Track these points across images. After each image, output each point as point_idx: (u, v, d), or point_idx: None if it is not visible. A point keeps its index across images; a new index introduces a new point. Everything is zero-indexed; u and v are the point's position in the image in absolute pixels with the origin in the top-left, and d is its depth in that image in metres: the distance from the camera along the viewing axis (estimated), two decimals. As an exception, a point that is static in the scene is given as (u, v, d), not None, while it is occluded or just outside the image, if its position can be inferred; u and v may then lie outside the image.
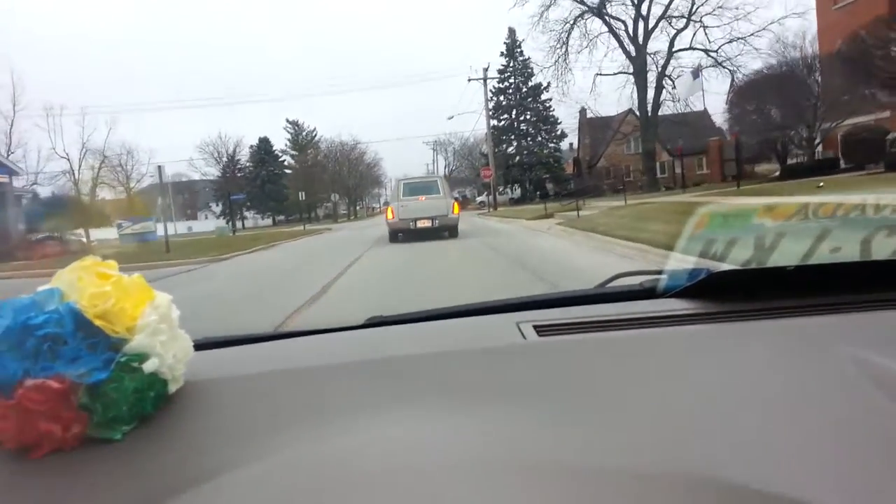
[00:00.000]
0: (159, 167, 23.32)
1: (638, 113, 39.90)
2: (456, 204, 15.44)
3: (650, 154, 37.53)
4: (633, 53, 35.65)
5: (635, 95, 36.23)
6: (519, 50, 53.50)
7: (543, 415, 0.67)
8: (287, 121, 69.30)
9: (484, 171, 38.64)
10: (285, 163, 68.05)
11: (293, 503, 0.53)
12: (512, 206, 44.93)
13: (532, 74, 53.40)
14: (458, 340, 0.97)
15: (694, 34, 36.44)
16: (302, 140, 68.93)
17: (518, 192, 54.66)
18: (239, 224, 64.75)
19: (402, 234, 14.91)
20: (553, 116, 53.53)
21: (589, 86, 40.99)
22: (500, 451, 0.60)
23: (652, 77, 36.13)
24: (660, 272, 1.16)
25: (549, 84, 51.63)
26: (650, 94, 36.31)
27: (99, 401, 0.67)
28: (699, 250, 1.17)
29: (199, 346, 0.83)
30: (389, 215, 15.11)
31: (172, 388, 0.73)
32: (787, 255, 1.09)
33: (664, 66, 35.67)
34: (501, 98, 53.38)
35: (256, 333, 1.08)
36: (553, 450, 0.60)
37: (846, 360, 0.73)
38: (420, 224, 14.72)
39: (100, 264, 0.71)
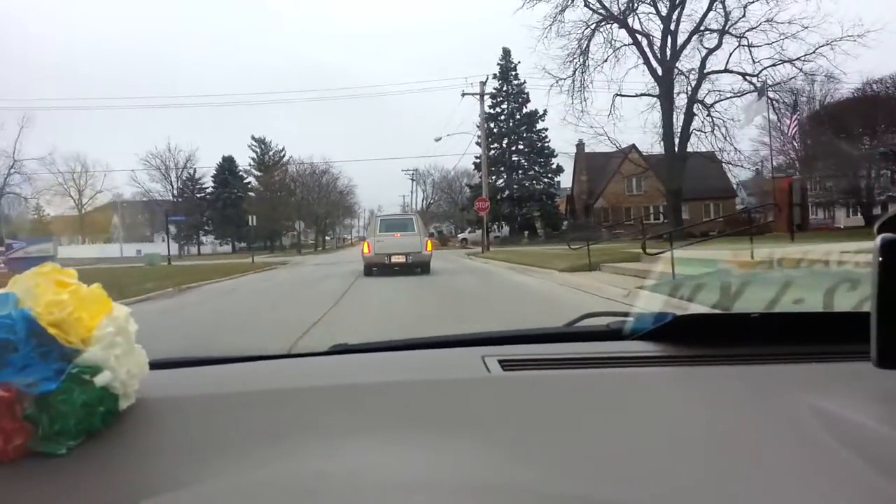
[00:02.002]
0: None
1: (641, 150, 39.28)
2: (429, 241, 18.38)
3: (677, 193, 34.19)
4: (661, 73, 33.17)
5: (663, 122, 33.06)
6: (514, 73, 54.16)
7: (501, 445, 0.74)
8: (253, 138, 69.33)
9: (479, 202, 36.69)
10: (250, 185, 68.01)
11: None
12: (500, 245, 44.80)
13: (527, 101, 53.91)
14: (421, 371, 1.06)
15: (730, 55, 32.43)
16: (268, 160, 69.07)
17: (506, 230, 54.79)
18: (195, 250, 64.24)
19: (377, 267, 17.36)
20: (549, 148, 53.91)
21: (605, 110, 37.94)
22: (451, 475, 0.67)
23: (681, 103, 33.54)
24: (626, 314, 1.28)
25: (545, 112, 51.90)
26: (679, 122, 33.12)
27: (46, 412, 0.72)
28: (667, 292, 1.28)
29: (157, 365, 0.89)
30: (365, 249, 17.82)
31: (123, 404, 0.79)
32: (752, 302, 1.20)
33: (695, 90, 33.11)
34: (492, 125, 53.11)
35: (216, 356, 1.15)
36: (506, 475, 0.67)
37: (802, 408, 0.82)
38: (394, 259, 17.25)
39: (59, 272, 0.77)
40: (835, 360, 1.02)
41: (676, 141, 33.44)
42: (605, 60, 33.81)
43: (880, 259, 0.67)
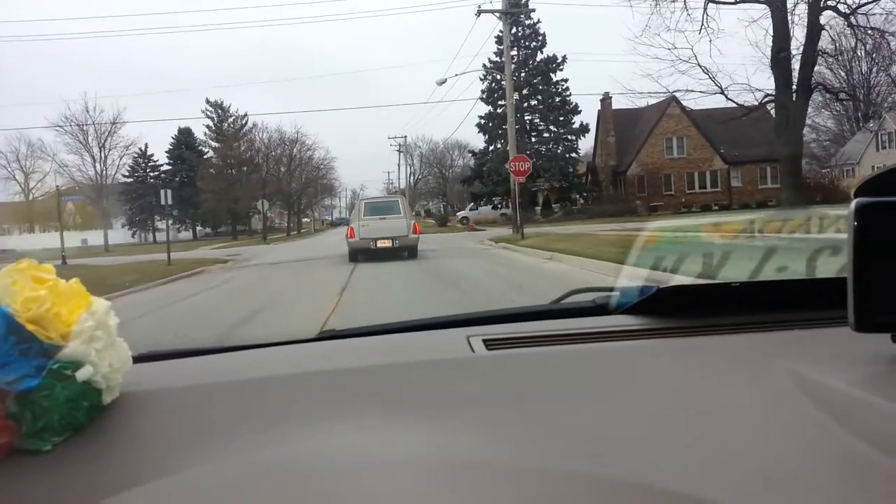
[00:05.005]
0: None
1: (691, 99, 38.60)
2: (416, 224, 20.82)
3: (795, 153, 29.25)
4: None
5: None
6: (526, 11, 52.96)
7: (485, 423, 0.90)
8: (208, 102, 68.67)
9: (516, 162, 28.17)
10: (211, 159, 67.47)
11: None
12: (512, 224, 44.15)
13: (543, 44, 52.76)
14: (407, 353, 1.23)
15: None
16: (228, 128, 68.67)
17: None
18: (151, 237, 64.06)
19: (362, 253, 19.57)
20: (569, 103, 52.82)
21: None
22: (437, 454, 0.83)
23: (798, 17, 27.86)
24: (612, 289, 1.47)
25: (564, 58, 50.97)
26: (796, 44, 27.97)
27: (29, 409, 0.87)
28: (650, 265, 1.47)
29: (141, 358, 1.05)
30: (350, 234, 20.17)
31: (107, 398, 0.94)
32: (735, 272, 1.39)
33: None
34: (499, 76, 50.02)
35: (203, 347, 1.32)
36: (490, 453, 0.83)
37: (784, 375, 0.98)
38: (380, 244, 19.49)
39: (36, 268, 0.92)
40: (815, 326, 1.20)
41: (794, 73, 26.91)
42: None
43: (855, 223, 0.82)
